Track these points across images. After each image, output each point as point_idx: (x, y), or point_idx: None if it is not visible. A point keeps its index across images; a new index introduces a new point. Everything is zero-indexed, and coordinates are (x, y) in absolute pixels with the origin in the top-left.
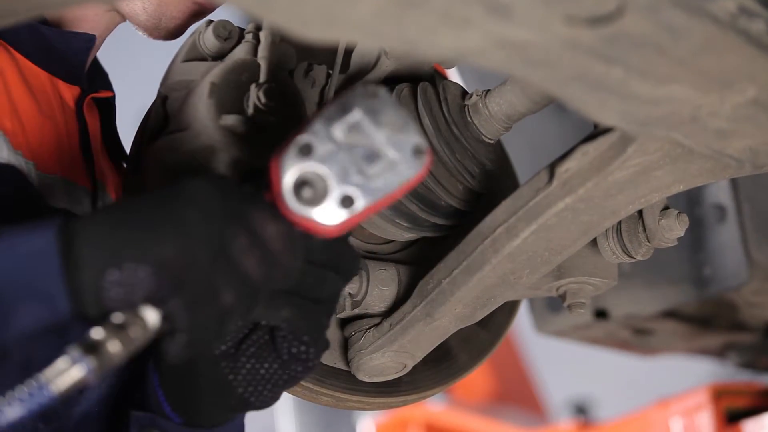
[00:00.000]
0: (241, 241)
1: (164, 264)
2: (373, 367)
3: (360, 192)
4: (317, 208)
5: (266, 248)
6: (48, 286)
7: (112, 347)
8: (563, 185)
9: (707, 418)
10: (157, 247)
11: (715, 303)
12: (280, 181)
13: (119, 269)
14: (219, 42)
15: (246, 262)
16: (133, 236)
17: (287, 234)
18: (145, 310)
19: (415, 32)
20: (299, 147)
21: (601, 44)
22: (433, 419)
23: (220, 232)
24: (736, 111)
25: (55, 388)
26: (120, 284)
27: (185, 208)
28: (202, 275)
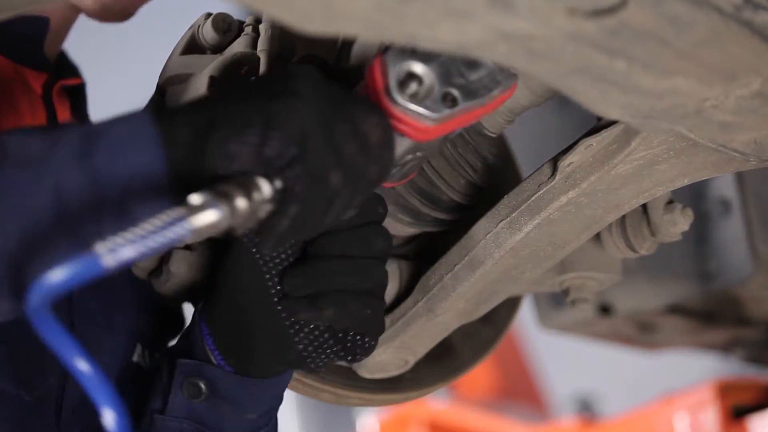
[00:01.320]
0: (345, 126)
1: (288, 126)
2: (374, 363)
3: (461, 94)
4: (421, 103)
5: (367, 138)
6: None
7: (239, 202)
8: (566, 179)
9: (713, 414)
10: (277, 107)
11: (720, 298)
12: (384, 76)
13: (241, 132)
14: (218, 35)
15: (350, 146)
16: (252, 101)
17: (386, 126)
18: (259, 180)
19: (416, 25)
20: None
21: (603, 36)
22: (436, 416)
23: (330, 112)
24: (740, 104)
25: (191, 225)
26: (242, 146)
27: (300, 81)
28: (319, 145)
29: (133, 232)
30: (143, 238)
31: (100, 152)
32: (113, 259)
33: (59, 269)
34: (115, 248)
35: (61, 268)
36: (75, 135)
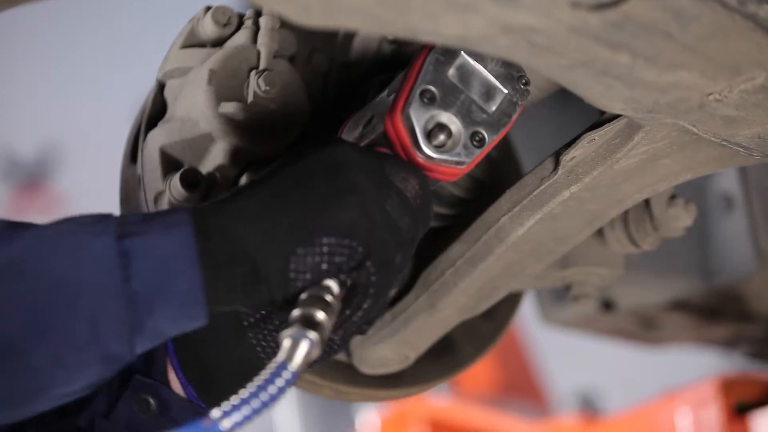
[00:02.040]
0: (394, 200)
1: (353, 229)
2: (375, 359)
3: (485, 129)
4: (453, 151)
5: (412, 205)
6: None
7: (319, 316)
8: (568, 174)
9: (715, 411)
10: (341, 213)
11: (723, 294)
12: (411, 132)
13: (307, 245)
14: (218, 28)
15: (402, 221)
16: (311, 208)
17: (426, 186)
18: (327, 281)
19: (419, 18)
20: (421, 95)
21: (606, 29)
22: (437, 413)
23: (379, 195)
24: (744, 98)
25: (292, 367)
26: (309, 259)
27: (349, 171)
28: (384, 235)
29: (241, 395)
30: (253, 397)
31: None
32: (228, 423)
33: None
34: (227, 413)
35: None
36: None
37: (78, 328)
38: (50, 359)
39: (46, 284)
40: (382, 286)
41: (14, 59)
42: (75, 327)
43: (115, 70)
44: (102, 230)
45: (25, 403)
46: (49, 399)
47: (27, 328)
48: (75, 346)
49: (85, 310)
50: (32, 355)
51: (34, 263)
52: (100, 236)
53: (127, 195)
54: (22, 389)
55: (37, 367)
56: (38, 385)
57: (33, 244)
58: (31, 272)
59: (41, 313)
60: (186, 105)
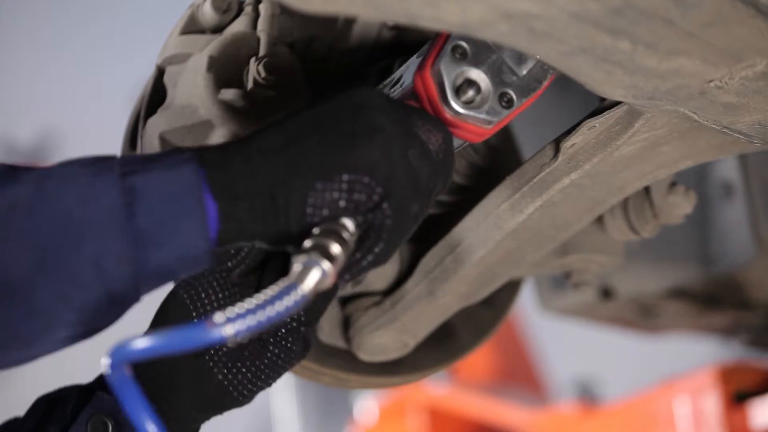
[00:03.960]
0: (416, 150)
1: (374, 169)
2: (374, 346)
3: (514, 91)
4: (480, 108)
5: (434, 158)
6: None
7: (334, 249)
8: (569, 161)
9: (714, 399)
10: (364, 151)
11: (722, 281)
12: (441, 86)
13: (327, 180)
14: (217, 14)
15: (421, 171)
16: (333, 145)
17: (449, 142)
18: (343, 219)
19: (419, 4)
20: (453, 50)
21: (607, 16)
22: (435, 400)
23: (404, 139)
24: (745, 85)
25: (302, 291)
26: (328, 195)
27: (374, 113)
28: (404, 180)
29: (245, 306)
30: (257, 310)
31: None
32: (231, 329)
33: (168, 335)
34: (230, 319)
35: (173, 334)
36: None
37: (83, 267)
38: (56, 299)
39: (51, 223)
40: (396, 231)
41: (13, 44)
42: (80, 266)
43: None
44: (104, 168)
45: (31, 344)
46: (54, 341)
47: (33, 268)
48: (80, 286)
49: (89, 249)
50: (38, 294)
51: (39, 203)
52: (102, 174)
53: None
54: (28, 329)
55: (42, 307)
56: (43, 325)
57: (37, 184)
58: (36, 211)
59: (47, 253)
60: (186, 91)
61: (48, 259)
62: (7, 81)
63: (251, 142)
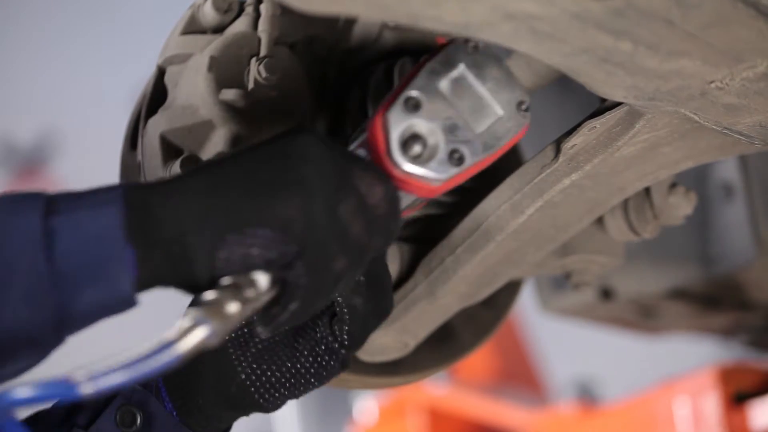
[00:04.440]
0: (350, 204)
1: (289, 225)
2: (374, 346)
3: (468, 148)
4: (426, 165)
5: (372, 213)
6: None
7: (230, 308)
8: (569, 161)
9: (714, 400)
10: (280, 207)
11: (722, 282)
12: (387, 138)
13: (238, 233)
14: (218, 14)
15: (354, 226)
16: (250, 196)
17: (392, 197)
18: (256, 274)
19: (421, 5)
20: (406, 102)
21: (608, 17)
22: (435, 401)
23: (334, 193)
24: (746, 86)
25: (179, 350)
26: (239, 248)
27: (301, 166)
28: (322, 237)
29: (116, 361)
30: (126, 367)
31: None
32: (92, 387)
33: (31, 387)
34: (95, 377)
35: (35, 387)
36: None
37: (6, 312)
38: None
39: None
40: (313, 290)
41: (13, 44)
42: (4, 311)
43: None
44: (28, 208)
45: None
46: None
47: None
48: (5, 331)
49: (14, 293)
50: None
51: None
52: (25, 214)
53: (127, 181)
54: None
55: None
56: None
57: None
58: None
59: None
60: (186, 91)
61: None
62: (7, 82)
63: (179, 183)
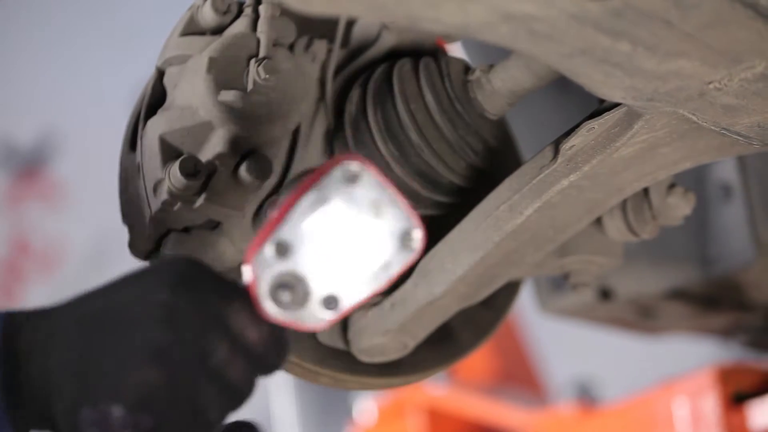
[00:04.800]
0: (222, 350)
1: (143, 399)
2: (373, 346)
3: (345, 291)
4: (298, 311)
5: (250, 352)
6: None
7: None
8: (568, 162)
9: (713, 400)
10: (132, 379)
11: (721, 283)
12: (258, 284)
13: (91, 409)
14: (217, 16)
15: (230, 372)
16: (101, 365)
17: (271, 334)
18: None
19: (419, 6)
20: (274, 246)
21: (607, 17)
22: (434, 401)
23: (199, 346)
24: (744, 86)
25: None
26: (95, 424)
27: (155, 326)
28: (186, 400)
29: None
30: None
31: None
32: None
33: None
34: None
35: None
36: None
37: None
38: None
39: None
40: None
41: (13, 45)
42: None
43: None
44: None
45: None
46: None
47: None
48: None
49: None
50: None
51: None
52: None
53: (126, 183)
54: None
55: None
56: None
57: None
58: None
59: None
60: (185, 93)
61: None
62: (7, 83)
63: (47, 338)
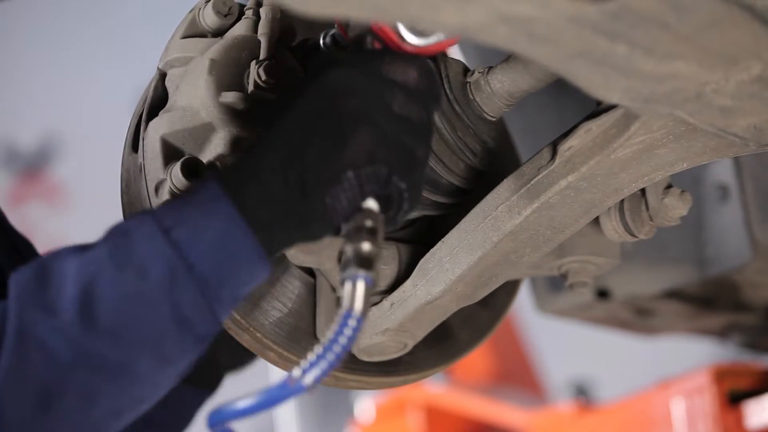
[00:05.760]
0: (399, 99)
1: (373, 157)
2: (373, 346)
3: None
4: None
5: (418, 92)
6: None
7: (365, 248)
8: (566, 163)
9: (709, 400)
10: (358, 147)
11: (717, 283)
12: (393, 28)
13: (338, 183)
14: (219, 18)
15: (412, 113)
16: (328, 151)
17: (424, 68)
18: (366, 203)
19: (418, 8)
20: None
21: (605, 20)
22: (433, 400)
23: (384, 101)
24: (740, 88)
25: (357, 312)
26: (342, 195)
27: (348, 100)
28: (402, 146)
29: (315, 351)
30: (327, 351)
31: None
32: (310, 379)
33: (253, 397)
34: (306, 370)
35: (258, 396)
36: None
37: (168, 327)
38: (154, 363)
39: (124, 302)
40: (413, 187)
41: (15, 47)
42: (165, 328)
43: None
44: (148, 233)
45: (132, 410)
46: (153, 400)
47: (127, 345)
48: (172, 343)
49: (166, 310)
50: (138, 365)
51: (105, 291)
52: (149, 240)
53: (128, 184)
54: (132, 398)
55: (143, 374)
56: (145, 393)
57: (96, 274)
58: (104, 298)
59: (133, 329)
60: (187, 94)
61: (136, 333)
62: (9, 85)
63: (259, 165)
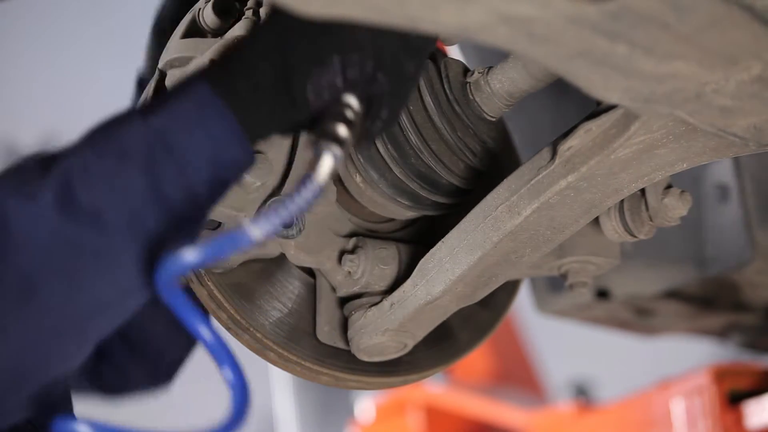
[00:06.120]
0: None
1: (360, 44)
2: (373, 346)
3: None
4: None
5: None
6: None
7: (340, 131)
8: (565, 163)
9: (709, 400)
10: (345, 30)
11: (717, 283)
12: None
13: (320, 65)
14: (218, 18)
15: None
16: (316, 33)
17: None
18: (346, 98)
19: (418, 8)
20: None
21: (604, 20)
22: (433, 400)
23: None
24: (740, 88)
25: (318, 180)
26: (325, 79)
27: None
28: (392, 47)
29: (271, 206)
30: (282, 208)
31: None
32: (258, 231)
33: (199, 248)
34: (259, 222)
35: (205, 246)
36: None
37: (148, 207)
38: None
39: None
40: (396, 95)
41: (15, 47)
42: (144, 208)
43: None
44: (128, 120)
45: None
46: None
47: (105, 226)
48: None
49: (146, 190)
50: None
51: (84, 175)
52: (129, 126)
53: None
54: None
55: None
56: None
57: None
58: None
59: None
60: None
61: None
62: (9, 85)
63: (245, 53)
